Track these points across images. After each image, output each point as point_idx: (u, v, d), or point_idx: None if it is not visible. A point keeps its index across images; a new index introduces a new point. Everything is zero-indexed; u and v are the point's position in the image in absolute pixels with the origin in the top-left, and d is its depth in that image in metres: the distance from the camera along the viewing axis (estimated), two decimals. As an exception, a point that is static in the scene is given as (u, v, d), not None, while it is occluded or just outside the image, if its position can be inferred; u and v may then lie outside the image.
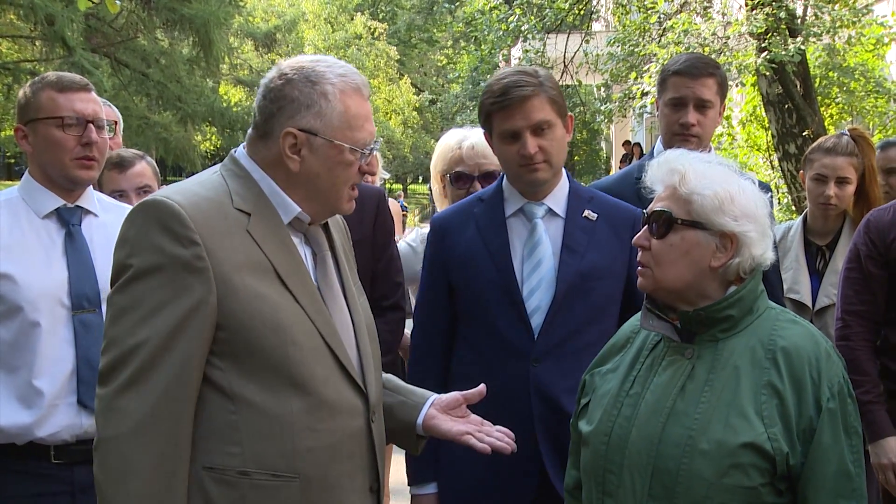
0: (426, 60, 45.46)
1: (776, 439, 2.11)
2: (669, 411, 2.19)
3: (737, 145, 12.37)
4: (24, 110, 3.01)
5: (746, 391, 2.16)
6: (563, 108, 2.90)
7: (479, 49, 15.76)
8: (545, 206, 2.96)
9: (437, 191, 3.85)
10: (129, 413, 2.03)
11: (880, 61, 12.32)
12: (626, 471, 2.21)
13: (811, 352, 2.18)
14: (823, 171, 4.01)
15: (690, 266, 2.23)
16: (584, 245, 2.92)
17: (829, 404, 2.14)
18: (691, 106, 3.51)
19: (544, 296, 2.88)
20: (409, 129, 40.12)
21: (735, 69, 10.24)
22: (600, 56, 13.73)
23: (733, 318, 2.23)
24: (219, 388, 2.10)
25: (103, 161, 3.12)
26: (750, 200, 2.24)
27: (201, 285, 2.06)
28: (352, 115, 2.21)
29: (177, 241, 2.06)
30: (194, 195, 2.15)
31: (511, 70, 2.93)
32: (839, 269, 4.00)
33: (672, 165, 2.29)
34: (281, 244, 2.20)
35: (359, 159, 2.24)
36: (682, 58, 3.66)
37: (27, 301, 2.82)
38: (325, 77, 2.20)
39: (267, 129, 2.21)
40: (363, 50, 37.97)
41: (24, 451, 2.83)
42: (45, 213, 2.97)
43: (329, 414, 2.17)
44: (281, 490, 2.11)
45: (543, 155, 2.85)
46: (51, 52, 15.84)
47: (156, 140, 19.74)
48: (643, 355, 2.34)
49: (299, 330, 2.14)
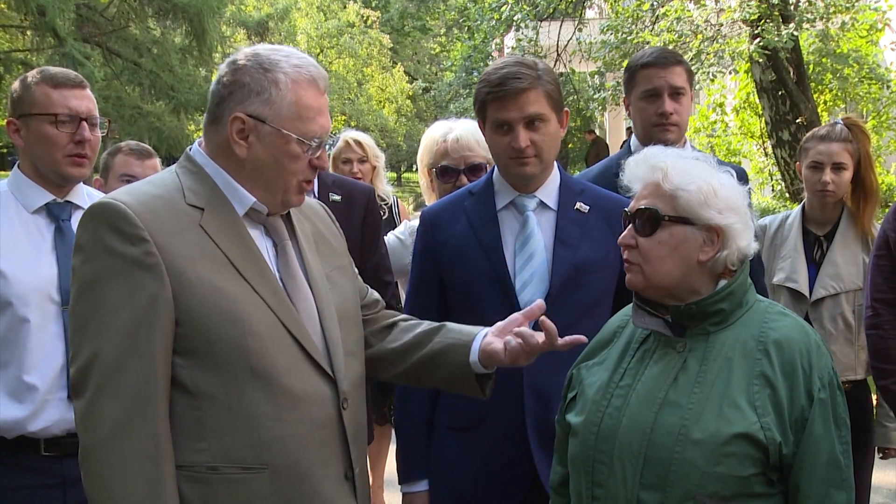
0: (419, 48, 45.35)
1: (769, 428, 2.12)
2: (662, 401, 2.20)
3: (730, 132, 12.38)
4: (18, 104, 2.99)
5: (739, 382, 2.17)
6: (558, 103, 2.88)
7: (471, 38, 15.73)
8: (536, 199, 2.94)
9: (424, 184, 3.83)
10: (104, 419, 2.02)
11: (874, 47, 12.33)
12: (616, 461, 2.21)
13: (802, 343, 2.20)
14: (819, 159, 4.00)
15: (679, 262, 2.24)
16: (576, 238, 2.91)
17: (821, 395, 2.16)
18: (666, 95, 3.53)
19: (537, 289, 2.86)
20: (402, 118, 39.99)
21: (728, 56, 10.24)
22: (593, 44, 13.72)
23: (724, 311, 2.24)
24: (182, 385, 2.09)
25: (95, 158, 3.11)
26: (731, 193, 2.25)
27: (154, 281, 2.05)
28: (303, 106, 2.19)
29: (126, 240, 2.05)
30: (143, 194, 2.15)
31: (511, 60, 2.91)
32: (836, 259, 3.99)
33: (652, 162, 2.29)
34: (236, 236, 2.19)
35: (307, 152, 2.21)
36: (647, 51, 3.68)
37: (17, 296, 2.80)
38: (278, 65, 2.19)
39: (217, 113, 2.21)
40: (356, 38, 37.80)
41: (14, 444, 2.82)
42: (34, 207, 2.96)
43: (294, 403, 2.15)
44: (251, 482, 2.11)
45: (534, 149, 2.83)
46: (42, 41, 15.75)
47: (149, 129, 19.70)
48: (632, 348, 2.35)
49: (259, 320, 2.13)
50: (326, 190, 3.94)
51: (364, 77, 38.45)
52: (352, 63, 37.66)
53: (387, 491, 5.84)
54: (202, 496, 2.09)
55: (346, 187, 4.03)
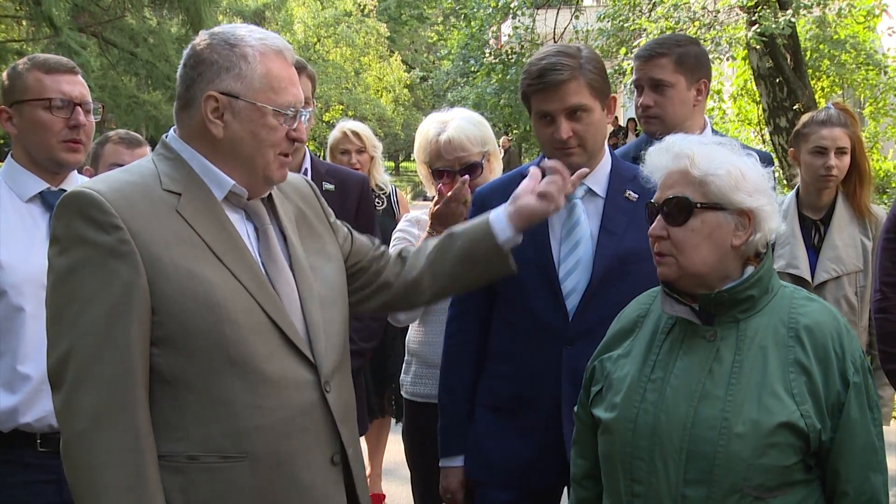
0: (416, 37, 45.28)
1: (809, 416, 2.12)
2: (700, 394, 2.18)
3: (728, 119, 12.36)
4: (9, 91, 2.97)
5: (775, 370, 2.16)
6: (602, 91, 2.87)
7: (468, 26, 15.70)
8: (584, 187, 2.94)
9: (423, 174, 3.82)
10: (83, 410, 2.01)
11: (871, 33, 12.30)
12: (657, 457, 2.19)
13: (832, 327, 2.20)
14: (823, 143, 3.99)
15: (714, 248, 2.22)
16: (622, 227, 2.89)
17: (855, 378, 2.16)
18: (646, 88, 3.56)
19: (581, 278, 2.87)
20: (400, 107, 39.97)
21: (725, 43, 10.22)
22: (590, 31, 13.68)
23: (754, 297, 2.23)
24: (159, 374, 2.08)
25: (90, 144, 3.09)
26: (758, 174, 2.24)
27: (129, 269, 2.03)
28: (274, 77, 2.17)
29: (99, 228, 2.03)
30: (116, 181, 2.13)
31: (552, 50, 2.90)
32: (836, 243, 4.00)
33: (676, 150, 2.27)
34: (215, 221, 2.16)
35: (283, 123, 2.20)
36: (647, 43, 3.71)
37: (11, 285, 2.79)
38: (244, 40, 2.18)
39: (189, 96, 2.18)
40: (353, 27, 37.74)
41: (9, 439, 2.81)
42: (28, 196, 2.94)
43: (274, 390, 2.13)
44: (231, 471, 2.09)
45: (577, 139, 2.83)
46: (37, 31, 15.69)
47: (146, 119, 19.63)
48: (659, 339, 2.32)
49: (237, 307, 2.11)
50: (320, 179, 3.92)
51: (361, 66, 38.41)
52: (349, 52, 37.62)
53: (386, 479, 5.84)
54: (182, 486, 2.08)
55: (339, 176, 4.02)
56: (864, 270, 4.00)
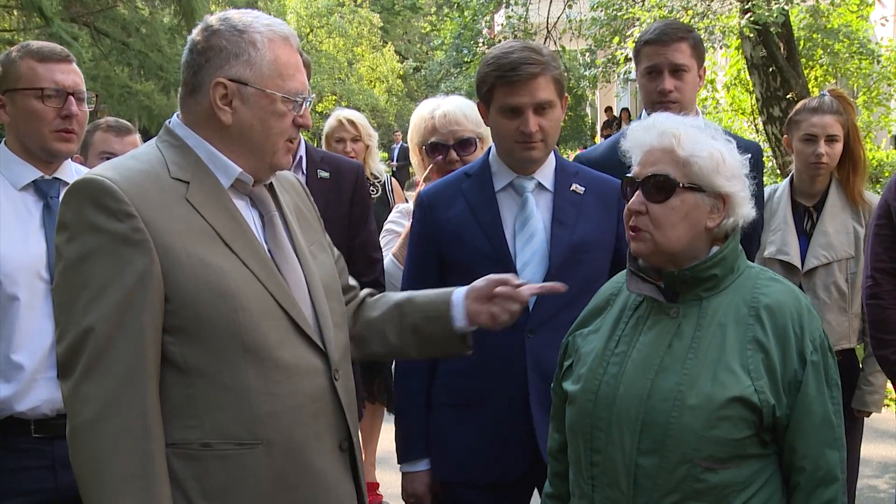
0: (410, 27, 45.12)
1: (763, 392, 2.17)
2: (658, 367, 2.23)
3: (721, 109, 12.35)
4: (2, 79, 2.96)
5: (732, 347, 2.21)
6: (563, 89, 2.94)
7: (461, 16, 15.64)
8: (535, 181, 2.98)
9: (416, 163, 3.82)
10: (92, 399, 2.00)
11: (864, 22, 12.29)
12: (614, 427, 2.24)
13: (793, 307, 2.25)
14: (813, 131, 4.02)
15: (689, 228, 2.27)
16: (573, 218, 2.95)
17: (813, 357, 2.21)
18: (666, 72, 3.55)
19: (538, 269, 2.91)
20: (393, 97, 39.87)
21: (718, 32, 10.21)
22: (583, 21, 13.65)
23: (717, 276, 2.28)
24: (172, 362, 2.08)
25: (83, 134, 3.08)
26: (736, 161, 2.30)
27: (142, 257, 2.02)
28: (282, 64, 2.18)
29: (112, 216, 2.02)
30: (127, 169, 2.12)
31: (518, 45, 2.93)
32: (827, 229, 4.02)
33: (662, 129, 2.30)
34: (223, 209, 2.16)
35: (292, 110, 2.20)
36: (654, 26, 3.69)
37: (5, 274, 2.79)
38: (252, 26, 2.17)
39: (196, 82, 2.18)
40: (346, 17, 37.63)
41: (4, 426, 2.81)
42: (22, 184, 2.94)
43: (286, 376, 2.14)
44: (245, 458, 2.10)
45: (542, 134, 2.89)
46: (28, 21, 15.62)
47: (139, 109, 19.56)
48: (626, 315, 2.37)
49: (249, 295, 2.11)
50: (315, 166, 3.92)
51: (354, 57, 38.29)
52: (342, 43, 37.50)
53: (379, 468, 5.86)
54: (195, 474, 2.08)
55: (334, 164, 4.02)
56: (855, 257, 4.01)
